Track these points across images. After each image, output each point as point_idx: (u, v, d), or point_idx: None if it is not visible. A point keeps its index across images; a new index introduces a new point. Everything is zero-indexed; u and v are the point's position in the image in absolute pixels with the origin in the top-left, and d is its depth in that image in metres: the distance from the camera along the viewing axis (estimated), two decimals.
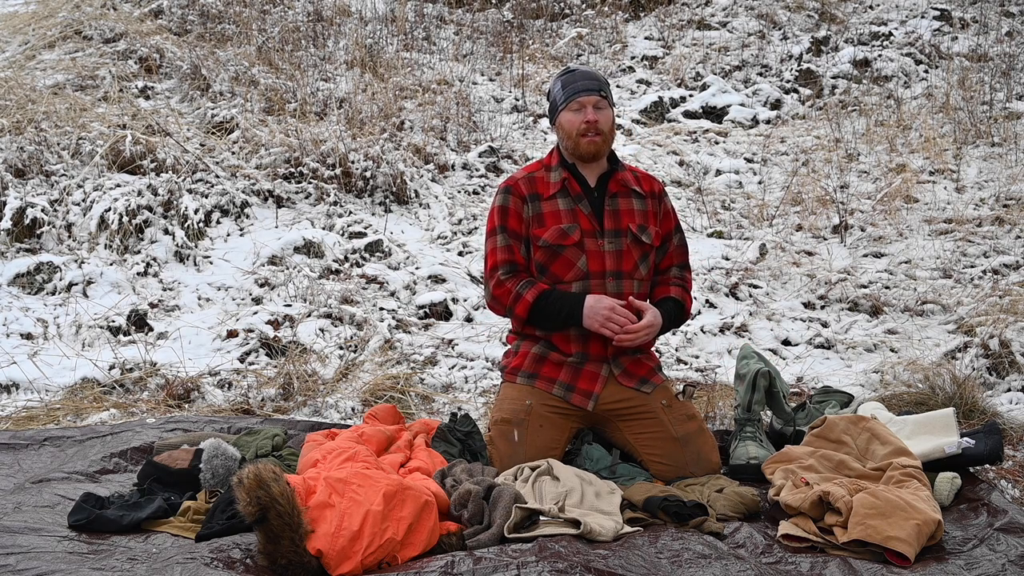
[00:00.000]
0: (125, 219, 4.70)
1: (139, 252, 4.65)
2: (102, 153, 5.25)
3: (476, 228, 5.45)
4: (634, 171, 2.94)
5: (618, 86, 7.87)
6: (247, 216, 5.16)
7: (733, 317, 4.47)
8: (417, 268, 4.82)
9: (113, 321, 4.07)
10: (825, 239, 5.49)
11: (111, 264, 4.51)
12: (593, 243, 2.78)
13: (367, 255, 4.97)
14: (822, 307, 4.65)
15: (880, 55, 7.95)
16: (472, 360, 3.95)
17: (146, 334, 4.04)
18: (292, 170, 5.57)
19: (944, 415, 2.81)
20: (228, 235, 4.99)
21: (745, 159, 6.64)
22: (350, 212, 5.36)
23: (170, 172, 5.18)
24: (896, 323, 4.40)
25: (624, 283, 2.80)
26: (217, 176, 5.36)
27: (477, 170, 6.20)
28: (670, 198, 3.01)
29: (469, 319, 4.41)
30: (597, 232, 2.79)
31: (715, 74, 7.96)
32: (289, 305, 4.32)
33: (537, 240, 2.78)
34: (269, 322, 4.13)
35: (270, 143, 5.72)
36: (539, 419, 2.75)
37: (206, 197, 5.12)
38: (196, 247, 4.80)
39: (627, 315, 2.70)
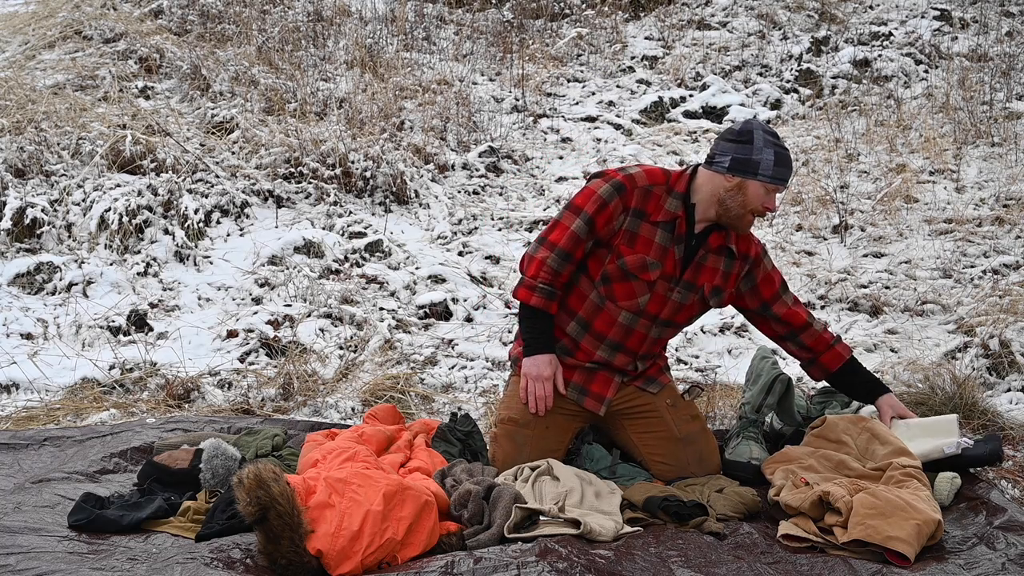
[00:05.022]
0: (125, 219, 4.69)
1: (139, 252, 4.64)
2: (102, 153, 5.25)
3: (476, 228, 5.45)
4: None
5: (618, 86, 7.88)
6: (247, 216, 5.15)
7: (733, 317, 4.47)
8: (417, 268, 4.82)
9: (113, 321, 4.07)
10: (825, 239, 5.49)
11: (111, 264, 4.51)
12: (664, 287, 2.68)
13: (367, 255, 4.97)
14: (822, 307, 4.65)
15: (880, 55, 7.95)
16: (472, 360, 3.95)
17: (146, 334, 4.04)
18: (292, 170, 5.57)
19: (947, 420, 2.79)
20: (228, 235, 4.99)
21: None
22: (350, 212, 5.36)
23: (170, 172, 5.18)
24: (896, 323, 4.40)
25: (668, 331, 2.78)
26: (217, 176, 5.36)
27: (477, 170, 6.20)
28: (770, 259, 2.85)
29: (469, 319, 4.41)
30: (674, 279, 2.69)
31: (715, 74, 7.95)
32: (289, 305, 4.31)
33: (619, 256, 2.65)
34: (269, 322, 4.13)
35: (270, 143, 5.72)
36: (546, 421, 2.74)
37: (206, 197, 5.12)
38: (196, 247, 4.80)
39: (549, 394, 2.70)
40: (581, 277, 2.72)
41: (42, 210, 4.67)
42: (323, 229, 5.08)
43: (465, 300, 4.54)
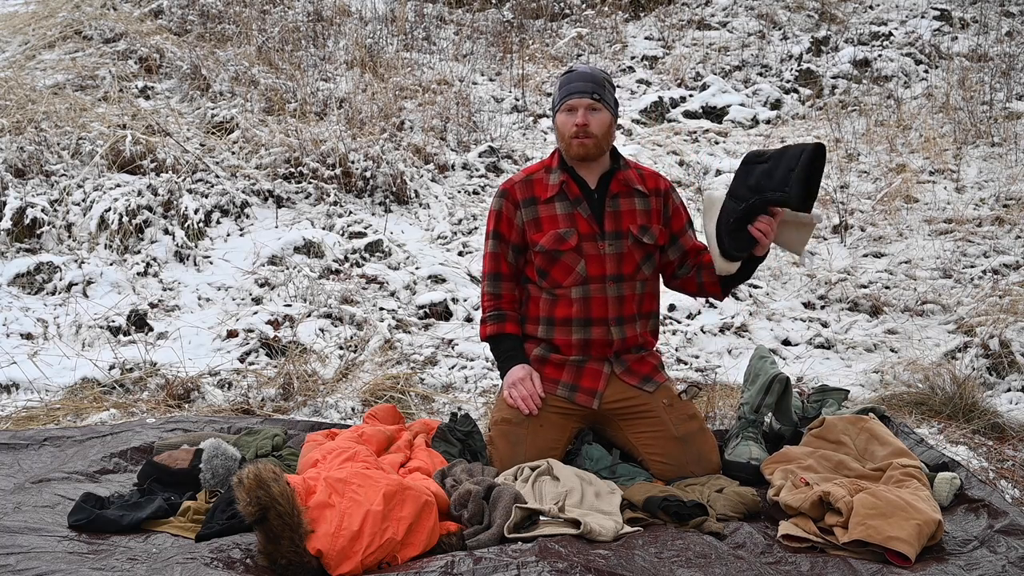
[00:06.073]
0: (125, 219, 4.69)
1: (139, 252, 4.64)
2: (102, 153, 5.25)
3: (476, 228, 5.45)
4: (639, 169, 2.90)
5: (618, 86, 7.87)
6: (247, 216, 5.15)
7: (733, 317, 4.47)
8: (417, 268, 4.82)
9: (113, 321, 4.07)
10: (825, 239, 5.49)
11: (111, 264, 4.51)
12: (592, 247, 2.75)
13: (367, 255, 4.97)
14: (822, 307, 4.65)
15: (880, 55, 7.95)
16: (472, 360, 3.95)
17: (146, 334, 4.04)
18: (292, 170, 5.57)
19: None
20: (228, 235, 4.99)
21: None
22: (350, 212, 5.36)
23: (170, 172, 5.18)
24: (896, 323, 4.40)
25: (624, 286, 2.78)
26: (217, 176, 5.36)
27: (477, 170, 6.20)
28: (678, 194, 2.95)
29: (469, 319, 4.41)
30: (597, 235, 2.76)
31: (715, 74, 7.96)
32: (289, 305, 4.31)
33: (535, 246, 2.77)
34: (269, 322, 4.13)
35: (270, 143, 5.72)
36: (540, 419, 2.75)
37: (206, 197, 5.12)
38: (196, 247, 4.80)
39: (531, 391, 2.76)
40: (530, 287, 2.85)
41: (42, 210, 4.67)
42: (323, 229, 5.08)
43: (465, 300, 4.54)
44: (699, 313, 4.55)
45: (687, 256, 2.91)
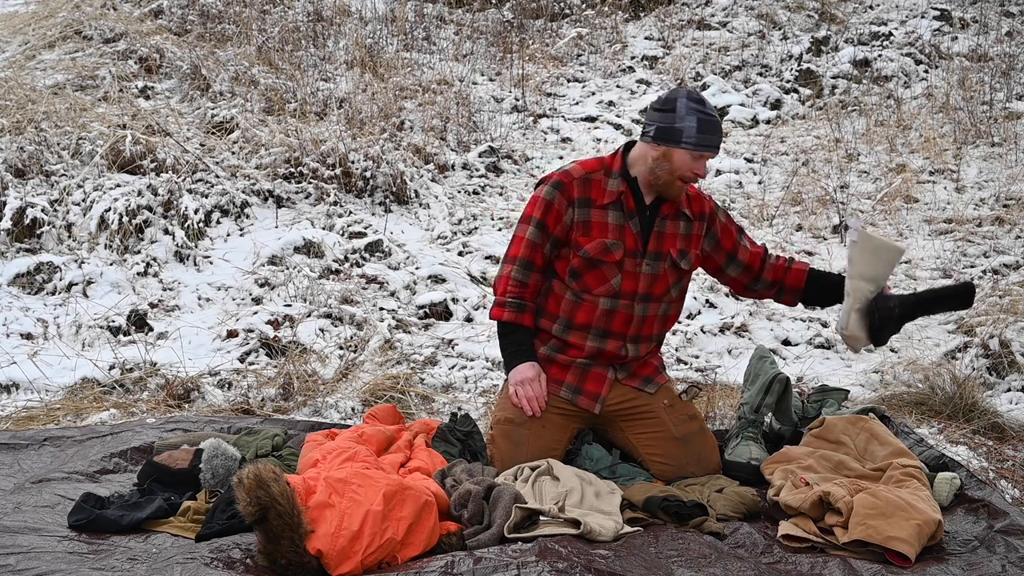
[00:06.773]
0: (125, 219, 4.69)
1: (139, 252, 4.64)
2: (102, 153, 5.25)
3: (476, 228, 5.45)
4: (688, 190, 2.83)
5: (618, 86, 7.88)
6: (247, 216, 5.15)
7: (733, 317, 4.47)
8: (417, 268, 4.82)
9: (113, 321, 4.07)
10: (825, 239, 5.49)
11: (111, 264, 4.51)
12: (632, 263, 2.72)
13: (367, 255, 4.97)
14: (822, 307, 4.65)
15: (880, 55, 7.95)
16: (472, 360, 3.96)
17: (146, 334, 4.04)
18: (292, 170, 5.57)
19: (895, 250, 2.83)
20: (228, 235, 4.99)
21: (745, 159, 6.64)
22: (350, 212, 5.36)
23: (170, 172, 5.17)
24: None
25: (651, 306, 2.77)
26: (217, 176, 5.36)
27: (477, 170, 6.20)
28: (722, 211, 2.90)
29: (469, 319, 4.41)
30: (639, 253, 2.73)
31: (715, 74, 7.95)
32: (289, 305, 4.31)
33: (578, 248, 2.71)
34: (269, 322, 4.13)
35: (270, 143, 5.72)
36: (542, 420, 2.75)
37: (206, 197, 5.12)
38: (196, 247, 4.79)
39: (538, 392, 2.74)
40: (553, 282, 2.79)
41: (42, 210, 4.67)
42: (323, 229, 5.08)
43: (465, 300, 4.54)
44: (699, 313, 4.55)
45: (750, 271, 2.88)
